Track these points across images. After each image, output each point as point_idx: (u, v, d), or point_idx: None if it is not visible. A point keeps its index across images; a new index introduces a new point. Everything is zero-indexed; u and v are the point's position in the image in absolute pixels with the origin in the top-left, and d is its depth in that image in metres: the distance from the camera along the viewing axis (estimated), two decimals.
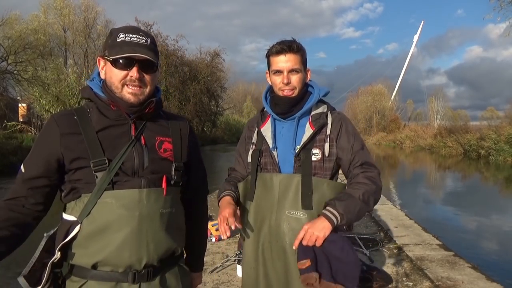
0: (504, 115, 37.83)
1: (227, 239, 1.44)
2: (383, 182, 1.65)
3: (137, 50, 1.23)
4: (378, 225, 5.70)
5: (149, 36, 1.30)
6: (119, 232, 1.21)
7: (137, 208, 1.23)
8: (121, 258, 1.22)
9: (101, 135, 1.27)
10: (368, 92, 61.40)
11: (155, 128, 1.36)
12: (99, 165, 1.22)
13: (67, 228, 1.24)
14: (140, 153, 1.28)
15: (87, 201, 1.22)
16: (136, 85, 1.27)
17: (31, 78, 23.78)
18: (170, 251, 1.33)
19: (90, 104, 1.33)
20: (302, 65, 1.60)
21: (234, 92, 68.77)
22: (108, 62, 1.27)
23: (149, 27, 36.84)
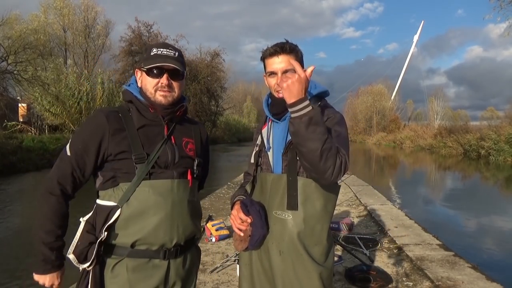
0: (504, 115, 37.83)
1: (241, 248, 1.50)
2: (383, 182, 1.62)
3: (167, 61, 1.48)
4: (378, 225, 5.70)
5: (177, 50, 1.55)
6: (155, 215, 1.43)
7: (170, 196, 1.47)
8: (157, 238, 1.44)
9: (140, 132, 1.49)
10: (368, 92, 61.43)
11: (182, 130, 1.61)
12: (139, 157, 1.44)
13: (108, 212, 1.43)
14: (171, 150, 1.52)
15: (126, 189, 1.43)
16: (166, 90, 1.50)
17: (31, 78, 23.79)
18: (193, 234, 1.59)
19: (129, 105, 1.55)
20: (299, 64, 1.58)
21: (234, 92, 68.78)
22: (144, 72, 1.51)
23: (149, 27, 36.90)
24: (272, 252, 1.55)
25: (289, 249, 1.53)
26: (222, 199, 7.87)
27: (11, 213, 8.91)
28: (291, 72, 1.54)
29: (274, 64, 1.57)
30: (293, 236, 1.52)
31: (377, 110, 59.72)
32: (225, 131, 53.21)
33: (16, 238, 6.78)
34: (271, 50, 1.58)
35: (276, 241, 1.55)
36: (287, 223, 1.52)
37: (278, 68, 1.56)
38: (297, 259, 1.52)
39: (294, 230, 1.52)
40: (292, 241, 1.52)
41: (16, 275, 4.84)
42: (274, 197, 1.57)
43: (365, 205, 7.10)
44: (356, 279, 3.58)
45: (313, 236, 1.54)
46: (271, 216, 1.57)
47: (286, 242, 1.53)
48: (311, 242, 1.54)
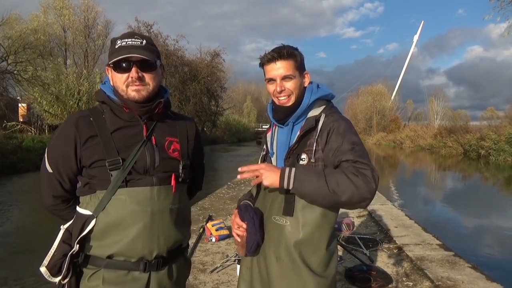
0: (504, 115, 37.89)
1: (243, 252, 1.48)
2: (383, 182, 1.60)
3: (132, 51, 1.33)
4: (378, 225, 5.70)
5: (145, 38, 1.39)
6: (133, 226, 1.33)
7: (149, 204, 1.35)
8: (135, 250, 1.34)
9: (115, 135, 1.37)
10: (368, 92, 61.40)
11: (164, 128, 1.46)
12: (113, 164, 1.33)
13: (83, 222, 1.34)
14: (151, 152, 1.39)
15: (102, 197, 1.33)
16: (138, 84, 1.35)
17: (31, 78, 23.77)
18: (178, 244, 1.46)
19: (103, 106, 1.43)
20: (297, 70, 1.55)
21: (234, 92, 68.73)
22: (111, 69, 1.38)
23: (149, 27, 36.86)
24: (269, 258, 1.53)
25: (286, 256, 1.49)
26: (222, 199, 7.87)
27: (10, 213, 8.91)
28: (290, 79, 1.53)
29: (272, 71, 1.54)
30: (289, 243, 1.48)
31: (377, 110, 59.68)
32: (225, 131, 53.20)
33: (16, 237, 6.78)
34: (268, 56, 1.54)
35: (273, 247, 1.52)
36: (284, 229, 1.50)
37: (276, 75, 1.53)
38: (293, 268, 1.48)
39: (291, 236, 1.48)
40: (288, 248, 1.49)
41: (16, 273, 4.84)
42: (274, 202, 1.55)
43: None
44: (356, 279, 3.58)
45: (311, 244, 1.49)
46: (270, 221, 1.55)
47: (283, 249, 1.50)
48: (308, 250, 1.49)
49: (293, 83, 1.54)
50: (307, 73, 1.61)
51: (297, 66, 1.55)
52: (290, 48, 1.55)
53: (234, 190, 8.85)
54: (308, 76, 1.61)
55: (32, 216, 8.64)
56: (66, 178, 1.40)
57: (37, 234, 6.97)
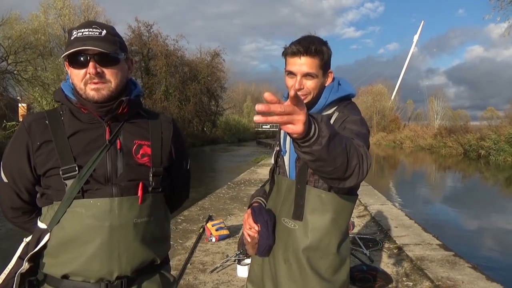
0: (504, 115, 37.90)
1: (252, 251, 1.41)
2: (383, 182, 1.59)
3: (88, 43, 1.15)
4: (378, 225, 5.70)
5: (105, 27, 1.21)
6: (88, 243, 1.17)
7: (108, 219, 1.18)
8: (91, 270, 1.18)
9: (73, 140, 1.21)
10: (368, 92, 61.37)
11: (133, 130, 1.28)
12: (68, 172, 1.18)
13: (38, 236, 1.21)
14: (113, 158, 1.22)
15: (56, 209, 1.18)
16: (97, 81, 1.18)
17: (31, 78, 23.77)
18: (147, 262, 1.27)
19: (63, 106, 1.28)
20: (321, 69, 1.43)
21: (234, 92, 68.82)
22: (67, 64, 1.20)
23: (149, 27, 36.94)
24: (278, 260, 1.51)
25: (293, 260, 1.46)
26: (222, 199, 7.86)
27: None
28: (311, 77, 1.42)
29: (294, 65, 1.42)
30: (297, 248, 1.45)
31: (377, 110, 59.68)
32: (225, 131, 53.24)
33: (16, 236, 6.78)
34: (294, 48, 1.42)
35: (282, 249, 1.50)
36: (293, 232, 1.46)
37: (298, 70, 1.42)
38: (300, 272, 1.45)
39: (299, 241, 1.44)
40: (296, 252, 1.45)
41: None
42: (285, 203, 1.51)
43: (365, 205, 7.10)
44: (356, 279, 3.57)
45: (319, 249, 1.44)
46: (279, 222, 1.51)
47: (290, 252, 1.47)
48: (316, 255, 1.45)
49: (313, 82, 1.44)
50: (331, 72, 1.50)
51: (322, 65, 1.44)
52: (319, 44, 1.42)
53: (234, 190, 8.85)
54: (332, 75, 1.51)
55: None
56: (23, 188, 1.26)
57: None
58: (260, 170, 13.30)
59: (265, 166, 14.89)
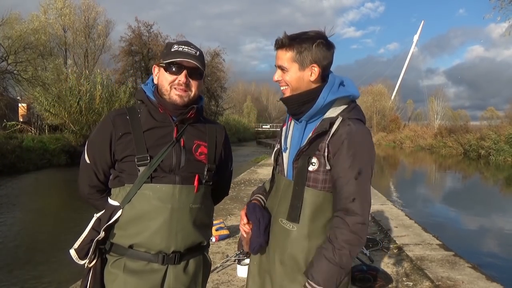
0: (504, 115, 37.95)
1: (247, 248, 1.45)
2: (383, 182, 1.58)
3: (188, 58, 1.44)
4: (378, 225, 5.70)
5: (199, 49, 1.50)
6: (153, 220, 1.40)
7: (170, 201, 1.42)
8: (153, 243, 1.41)
9: (147, 134, 1.46)
10: (368, 92, 61.36)
11: (194, 132, 1.54)
12: (142, 160, 1.42)
13: (111, 212, 1.44)
14: (178, 153, 1.47)
15: (129, 190, 1.42)
16: (182, 89, 1.45)
17: (31, 78, 23.78)
18: (196, 242, 1.51)
19: (141, 105, 1.53)
20: (295, 62, 1.41)
21: (234, 92, 68.78)
22: (162, 68, 1.47)
23: (149, 27, 36.88)
24: (273, 260, 1.50)
25: (290, 261, 1.44)
26: None
27: (11, 214, 8.91)
28: (283, 70, 1.44)
29: (275, 58, 1.48)
30: (294, 250, 1.43)
31: (377, 110, 59.70)
32: None
33: (16, 237, 6.78)
34: (275, 42, 1.47)
35: (278, 250, 1.48)
36: (291, 234, 1.44)
37: (276, 63, 1.48)
38: (297, 273, 1.44)
39: (297, 244, 1.42)
40: (293, 255, 1.44)
41: (15, 273, 4.84)
42: (283, 203, 1.48)
43: None
44: (356, 279, 3.58)
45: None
46: (277, 223, 1.49)
47: (287, 254, 1.45)
48: None
49: (287, 75, 1.44)
50: (314, 67, 1.42)
51: (295, 58, 1.41)
52: (294, 38, 1.42)
53: (234, 190, 8.85)
54: (317, 70, 1.42)
55: (31, 216, 8.64)
56: (101, 170, 1.50)
57: (36, 236, 6.98)
58: (260, 170, 13.30)
59: (265, 166, 14.89)
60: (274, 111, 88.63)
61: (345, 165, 1.35)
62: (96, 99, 25.23)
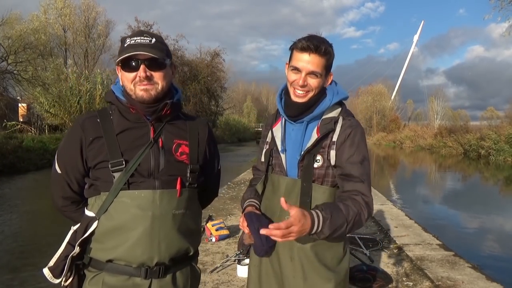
0: (504, 115, 37.96)
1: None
2: (383, 182, 1.60)
3: (140, 49, 1.29)
4: (378, 225, 5.70)
5: (154, 36, 1.36)
6: (133, 230, 1.29)
7: (150, 209, 1.29)
8: (134, 255, 1.29)
9: (121, 137, 1.34)
10: (368, 92, 61.42)
11: (173, 130, 1.41)
12: (116, 166, 1.30)
13: (87, 223, 1.33)
14: (156, 155, 1.34)
15: (104, 199, 1.30)
16: (145, 83, 1.32)
17: (31, 78, 23.78)
18: (182, 251, 1.38)
19: (112, 106, 1.41)
20: (325, 69, 1.47)
21: (234, 92, 68.77)
22: (120, 68, 1.35)
23: (149, 27, 36.85)
24: (283, 258, 1.52)
25: (300, 256, 1.49)
26: (222, 199, 7.87)
27: (10, 214, 8.91)
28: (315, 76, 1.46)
29: (301, 61, 1.44)
30: (305, 246, 1.48)
31: (377, 110, 59.72)
32: (225, 131, 53.21)
33: (16, 237, 6.78)
34: (304, 44, 1.43)
35: (287, 248, 1.51)
36: None
37: (304, 67, 1.44)
38: (309, 266, 1.48)
39: (307, 239, 1.43)
40: (303, 249, 1.48)
41: (15, 273, 4.84)
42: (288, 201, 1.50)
43: None
44: (356, 279, 3.57)
45: (325, 242, 1.48)
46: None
47: (297, 249, 1.49)
48: (322, 248, 1.49)
49: (317, 81, 1.47)
50: (331, 74, 1.54)
51: (327, 65, 1.48)
52: (328, 45, 1.46)
53: (234, 190, 8.85)
54: (331, 76, 1.55)
55: (31, 216, 8.64)
56: (74, 179, 1.39)
57: (36, 236, 6.98)
58: None
59: None
60: (274, 111, 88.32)
61: (351, 152, 1.45)
62: (96, 99, 25.24)
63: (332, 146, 1.47)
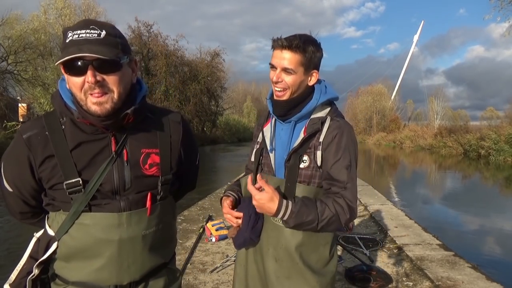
0: (504, 115, 37.95)
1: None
2: (383, 182, 1.60)
3: (84, 48, 1.02)
4: (378, 225, 5.70)
5: (104, 28, 1.07)
6: (98, 256, 1.15)
7: (117, 233, 1.15)
8: (101, 279, 1.18)
9: (76, 153, 1.14)
10: (368, 92, 61.43)
11: (140, 138, 1.21)
12: (73, 187, 1.12)
13: (47, 242, 1.19)
14: (121, 171, 1.16)
15: (63, 220, 1.15)
16: (98, 92, 1.07)
17: (31, 78, 23.77)
18: (155, 267, 1.27)
19: (63, 114, 1.16)
20: (301, 66, 1.44)
21: (234, 92, 68.79)
22: (63, 70, 1.08)
23: (149, 27, 36.91)
24: (268, 258, 1.51)
25: (285, 257, 1.48)
26: None
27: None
28: (289, 73, 1.43)
29: (276, 58, 1.44)
30: (289, 245, 1.46)
31: (377, 110, 59.72)
32: (225, 131, 53.21)
33: (16, 237, 6.78)
34: (278, 42, 1.43)
35: (272, 248, 1.50)
36: (284, 231, 1.46)
37: (278, 64, 1.44)
38: (293, 268, 1.47)
39: (291, 239, 1.46)
40: (288, 250, 1.47)
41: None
42: None
43: (365, 205, 7.10)
44: (356, 279, 3.58)
45: (310, 244, 1.48)
46: (268, 221, 1.51)
47: (282, 250, 1.48)
48: (307, 250, 1.48)
49: (291, 78, 1.44)
50: (315, 72, 1.49)
51: (303, 62, 1.43)
52: (305, 41, 1.43)
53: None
54: (316, 75, 1.50)
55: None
56: (29, 196, 1.21)
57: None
58: None
59: None
60: None
61: (337, 157, 1.43)
62: None
63: (318, 147, 1.45)
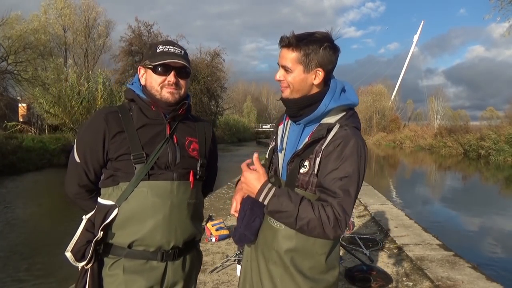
0: (504, 115, 37.94)
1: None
2: (383, 182, 1.58)
3: (174, 58, 1.46)
4: (378, 225, 5.70)
5: (183, 48, 1.53)
6: (152, 217, 1.43)
7: (169, 198, 1.45)
8: (153, 240, 1.44)
9: (141, 132, 1.47)
10: (368, 92, 61.34)
11: (185, 129, 1.58)
12: (138, 158, 1.43)
13: (106, 211, 1.43)
14: (173, 150, 1.50)
15: (125, 189, 1.42)
16: (173, 88, 1.49)
17: (31, 78, 23.77)
18: (192, 236, 1.57)
19: (131, 104, 1.54)
20: (299, 64, 1.38)
21: (234, 92, 68.74)
22: (149, 70, 1.49)
23: (149, 27, 36.87)
24: (260, 259, 1.50)
25: (277, 259, 1.46)
26: (222, 199, 7.87)
27: (10, 214, 8.91)
28: (287, 71, 1.41)
29: (279, 57, 1.44)
30: (280, 248, 1.44)
31: (377, 110, 59.67)
32: (225, 131, 53.18)
33: (16, 237, 6.78)
34: (280, 40, 1.42)
35: (266, 248, 1.48)
36: (278, 233, 1.44)
37: (279, 62, 1.44)
38: (284, 271, 1.44)
39: (283, 242, 1.43)
40: (278, 252, 1.45)
41: (14, 273, 4.84)
42: None
43: (365, 205, 7.10)
44: (356, 279, 3.58)
45: (304, 250, 1.43)
46: (266, 220, 1.49)
47: (274, 252, 1.46)
48: (300, 256, 1.43)
49: (290, 76, 1.40)
50: (319, 70, 1.40)
51: (300, 59, 1.38)
52: (303, 39, 1.38)
53: (234, 190, 8.86)
54: (321, 74, 1.40)
55: (31, 216, 8.64)
56: (92, 169, 1.48)
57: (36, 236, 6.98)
58: None
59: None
60: (274, 111, 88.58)
61: (334, 166, 1.35)
62: (97, 99, 25.23)
63: (319, 154, 1.39)
